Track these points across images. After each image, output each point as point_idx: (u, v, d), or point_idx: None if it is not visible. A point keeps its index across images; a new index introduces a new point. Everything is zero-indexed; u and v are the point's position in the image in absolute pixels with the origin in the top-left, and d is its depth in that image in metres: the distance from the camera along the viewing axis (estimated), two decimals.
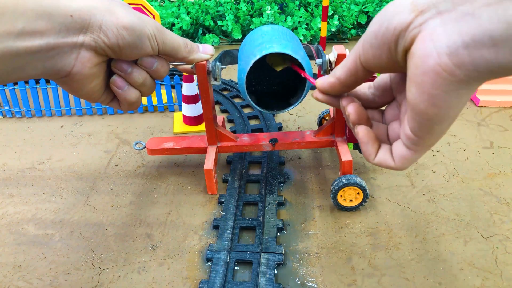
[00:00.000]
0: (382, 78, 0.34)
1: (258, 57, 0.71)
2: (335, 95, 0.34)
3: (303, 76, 0.44)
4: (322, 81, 0.34)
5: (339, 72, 0.32)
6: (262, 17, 1.97)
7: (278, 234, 0.89)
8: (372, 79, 0.33)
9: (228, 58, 0.96)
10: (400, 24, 0.25)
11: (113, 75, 0.39)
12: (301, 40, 0.95)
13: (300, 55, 0.73)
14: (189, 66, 0.59)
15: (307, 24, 1.96)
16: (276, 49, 0.71)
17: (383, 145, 0.32)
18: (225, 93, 1.50)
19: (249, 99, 0.78)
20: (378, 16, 0.27)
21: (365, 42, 0.29)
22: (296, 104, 0.79)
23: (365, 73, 0.30)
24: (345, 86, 0.32)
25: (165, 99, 1.43)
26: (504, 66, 0.22)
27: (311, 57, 0.94)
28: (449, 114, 0.25)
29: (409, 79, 0.25)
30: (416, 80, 0.25)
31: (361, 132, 0.31)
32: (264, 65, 0.77)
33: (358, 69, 0.30)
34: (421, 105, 0.25)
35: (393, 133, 0.32)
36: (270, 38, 0.76)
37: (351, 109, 0.32)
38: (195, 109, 1.28)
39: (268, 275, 0.79)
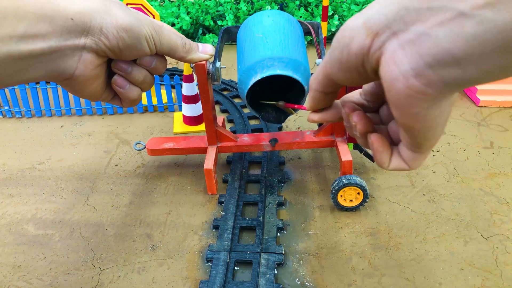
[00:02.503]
0: (369, 84, 0.34)
1: (259, 77, 0.73)
2: (324, 106, 0.35)
3: (297, 107, 0.46)
4: (307, 102, 0.35)
5: (314, 84, 0.33)
6: None
7: (278, 234, 0.89)
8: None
9: (226, 35, 0.96)
10: (360, 49, 0.25)
11: (113, 74, 0.39)
12: (300, 22, 0.95)
13: (300, 71, 0.74)
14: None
15: None
16: (277, 69, 0.73)
17: (393, 149, 0.32)
18: (225, 93, 1.50)
19: (248, 104, 0.78)
20: (337, 42, 0.27)
21: (332, 66, 0.29)
22: (291, 114, 0.81)
23: (338, 85, 0.31)
24: (327, 93, 0.33)
25: (165, 99, 1.42)
26: (474, 80, 0.21)
27: (308, 33, 0.95)
28: (437, 122, 0.25)
29: (388, 100, 0.26)
30: (393, 102, 0.25)
31: (376, 142, 0.31)
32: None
33: (331, 82, 0.31)
34: (406, 123, 0.26)
35: (393, 134, 0.33)
36: (272, 47, 0.76)
37: (357, 118, 0.32)
38: (195, 109, 1.28)
39: (268, 275, 0.79)
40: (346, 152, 0.96)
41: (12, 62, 0.31)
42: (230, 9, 2.05)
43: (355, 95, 0.36)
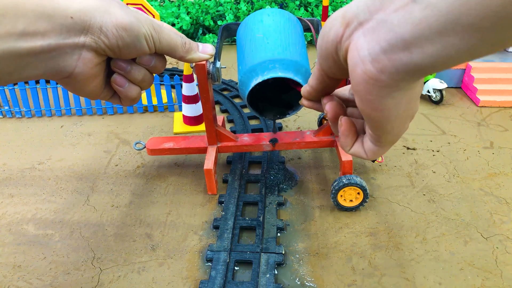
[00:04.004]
0: None
1: (260, 79, 0.74)
2: (315, 100, 0.38)
3: (292, 85, 0.48)
4: (303, 90, 0.38)
5: (311, 80, 0.35)
6: None
7: (278, 234, 0.89)
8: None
9: (225, 32, 0.96)
10: (335, 37, 0.28)
11: (113, 72, 0.39)
12: (300, 19, 0.96)
13: (301, 72, 0.74)
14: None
15: None
16: (279, 71, 0.73)
17: (359, 137, 0.35)
18: (225, 93, 1.50)
19: (249, 104, 0.79)
20: (321, 31, 0.30)
21: (318, 55, 0.32)
22: (292, 113, 0.81)
23: (332, 80, 0.33)
24: (319, 92, 0.36)
25: (165, 99, 1.42)
26: (420, 66, 0.23)
27: (308, 30, 0.95)
28: (393, 114, 0.27)
29: (351, 87, 0.28)
30: (354, 88, 0.27)
31: (345, 124, 0.33)
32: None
33: (324, 77, 0.33)
34: (365, 110, 0.28)
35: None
36: (273, 49, 0.76)
37: (328, 107, 0.35)
38: (195, 109, 1.28)
39: (268, 275, 0.79)
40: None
41: (11, 59, 0.31)
42: (230, 9, 2.05)
43: (343, 91, 0.38)
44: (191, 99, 1.26)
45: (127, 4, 1.20)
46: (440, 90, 1.36)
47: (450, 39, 0.21)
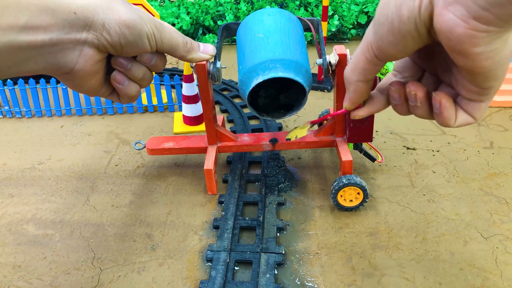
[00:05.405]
0: (403, 61, 0.37)
1: (261, 79, 0.74)
2: (365, 97, 0.37)
3: (329, 117, 0.44)
4: (349, 99, 0.36)
5: (355, 76, 0.35)
6: None
7: (278, 234, 0.89)
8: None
9: (225, 32, 0.96)
10: (411, 12, 0.27)
11: (113, 70, 0.39)
12: (300, 19, 0.96)
13: (301, 73, 0.74)
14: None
15: None
16: (279, 71, 0.73)
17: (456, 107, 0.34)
18: (225, 93, 1.50)
19: (249, 104, 0.79)
20: (382, 16, 0.29)
21: (381, 42, 0.31)
22: (292, 113, 0.81)
23: (381, 65, 0.33)
24: (367, 81, 0.35)
25: (165, 99, 1.42)
26: None
27: (308, 29, 0.95)
28: (503, 56, 0.27)
29: (450, 52, 0.27)
30: (456, 49, 0.27)
31: (444, 96, 0.32)
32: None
33: (374, 65, 0.33)
34: (476, 65, 0.27)
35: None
36: (273, 49, 0.76)
37: (414, 87, 0.34)
38: (195, 109, 1.28)
39: (268, 275, 0.79)
40: (346, 152, 0.96)
41: (12, 52, 0.31)
42: (230, 9, 2.05)
43: (389, 80, 0.37)
44: (191, 99, 1.26)
45: None
46: None
47: None
